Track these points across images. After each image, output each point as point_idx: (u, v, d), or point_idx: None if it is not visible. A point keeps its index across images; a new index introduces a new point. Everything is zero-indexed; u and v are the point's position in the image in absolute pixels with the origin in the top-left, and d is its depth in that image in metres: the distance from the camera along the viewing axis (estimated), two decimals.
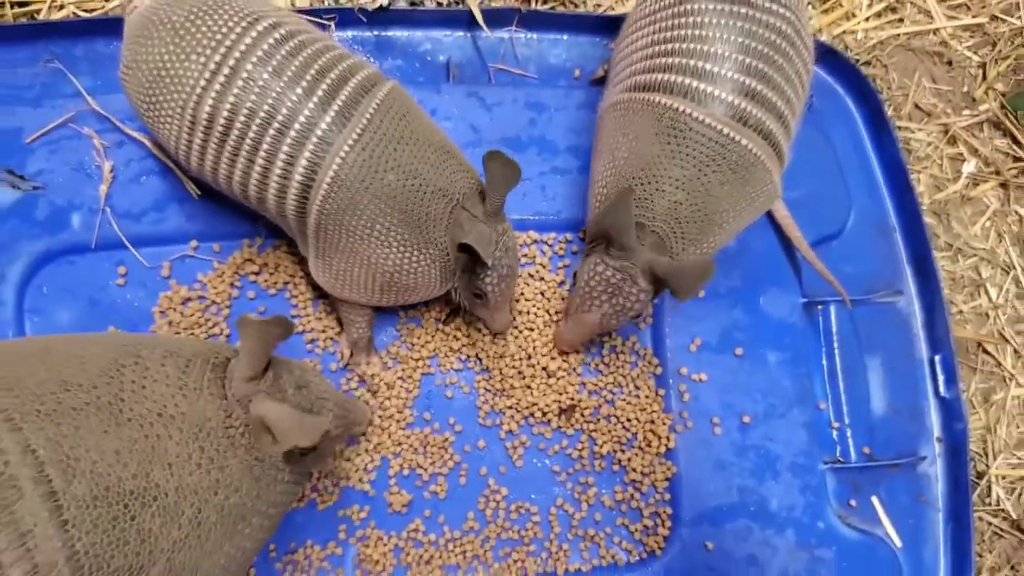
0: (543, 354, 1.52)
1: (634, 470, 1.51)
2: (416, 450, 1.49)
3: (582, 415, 1.52)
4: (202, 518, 0.96)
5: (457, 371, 1.53)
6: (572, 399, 1.52)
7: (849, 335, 1.64)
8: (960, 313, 1.79)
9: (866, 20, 1.88)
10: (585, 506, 1.50)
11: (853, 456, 1.59)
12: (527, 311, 1.54)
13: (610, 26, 1.68)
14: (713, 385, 1.57)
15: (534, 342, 1.52)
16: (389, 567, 1.44)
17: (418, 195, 1.18)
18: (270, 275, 1.49)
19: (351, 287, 1.30)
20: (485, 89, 1.63)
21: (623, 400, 1.53)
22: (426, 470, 1.49)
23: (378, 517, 1.47)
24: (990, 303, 1.81)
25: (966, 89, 1.92)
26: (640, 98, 1.28)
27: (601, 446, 1.51)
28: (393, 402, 1.49)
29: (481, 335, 1.52)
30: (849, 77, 1.72)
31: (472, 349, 1.52)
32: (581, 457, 1.52)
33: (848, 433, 1.61)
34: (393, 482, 1.48)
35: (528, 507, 1.50)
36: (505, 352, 1.51)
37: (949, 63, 1.92)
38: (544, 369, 1.52)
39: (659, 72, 1.26)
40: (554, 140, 1.62)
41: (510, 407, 1.52)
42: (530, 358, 1.52)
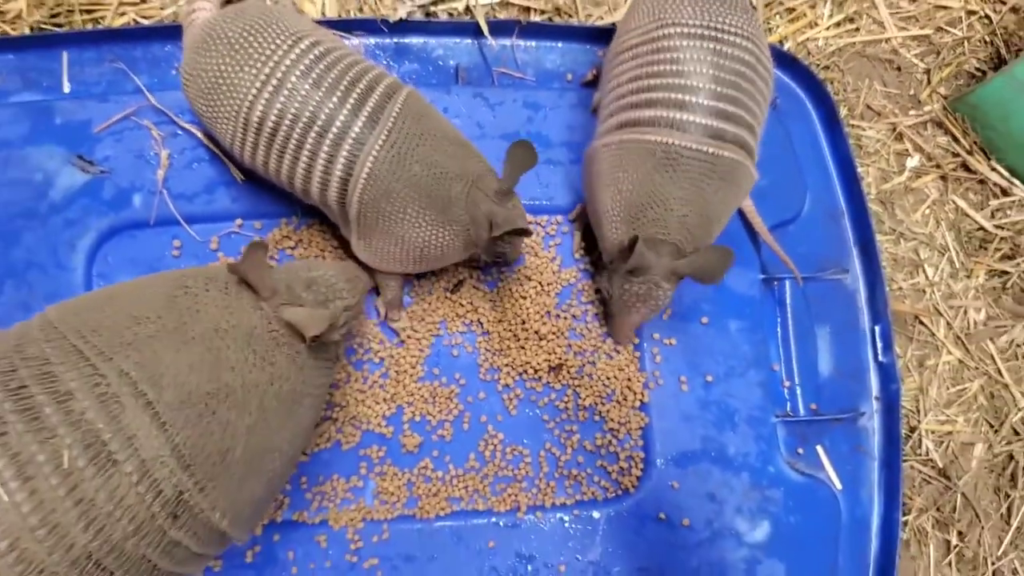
0: (535, 320, 1.68)
1: (612, 420, 1.67)
2: (426, 400, 1.65)
3: (568, 372, 1.68)
4: (265, 405, 1.12)
5: (462, 333, 1.69)
6: (560, 359, 1.68)
7: (801, 307, 1.80)
8: (900, 289, 1.96)
9: (827, 29, 2.03)
10: (569, 450, 1.66)
11: (801, 411, 1.76)
12: (522, 282, 1.70)
13: (598, 35, 1.83)
14: (681, 348, 1.73)
15: (527, 309, 1.69)
16: (402, 498, 1.60)
17: (440, 181, 1.36)
18: (304, 249, 1.67)
19: (389, 260, 1.47)
20: (489, 90, 1.78)
21: (604, 360, 1.70)
22: (434, 417, 1.65)
23: (393, 456, 1.63)
24: (927, 281, 1.97)
25: (913, 92, 2.07)
26: (632, 137, 1.44)
27: (584, 399, 1.68)
28: (407, 359, 1.65)
29: (483, 303, 1.69)
30: (808, 81, 1.88)
31: (475, 315, 1.69)
32: (567, 408, 1.68)
33: (798, 391, 1.77)
34: (406, 427, 1.64)
35: (521, 450, 1.66)
36: (503, 318, 1.68)
37: (898, 69, 2.07)
38: (536, 332, 1.68)
39: (645, 108, 1.42)
40: (548, 135, 1.77)
41: (506, 364, 1.68)
42: (524, 323, 1.68)
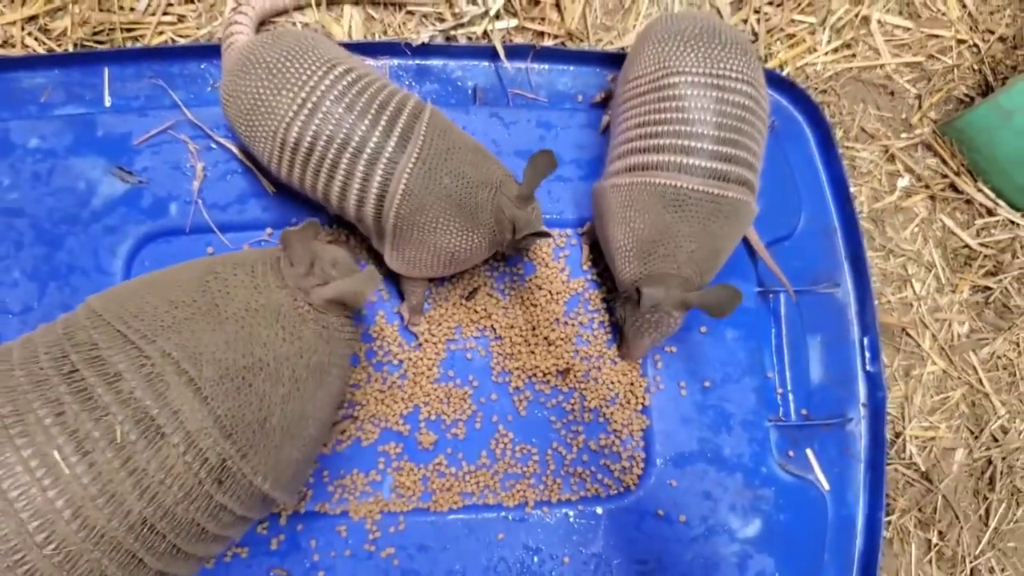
0: (545, 326, 1.74)
1: (615, 421, 1.73)
2: (441, 400, 1.70)
3: (575, 376, 1.73)
4: (297, 376, 1.18)
5: (476, 338, 1.75)
6: (567, 363, 1.73)
7: (794, 318, 1.86)
8: (888, 303, 2.02)
9: (824, 55, 2.10)
10: (575, 449, 1.72)
11: (793, 416, 1.82)
12: (533, 291, 1.76)
13: (608, 60, 1.89)
14: (681, 356, 1.79)
15: (538, 316, 1.75)
16: (418, 492, 1.66)
17: (468, 190, 1.42)
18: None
19: (421, 268, 1.53)
20: (504, 110, 1.84)
21: (608, 366, 1.76)
22: (449, 416, 1.70)
23: (410, 452, 1.68)
24: (914, 295, 2.03)
25: (904, 116, 2.14)
26: (641, 180, 1.50)
27: (590, 401, 1.73)
28: (424, 362, 1.71)
29: (496, 310, 1.75)
30: (805, 105, 1.94)
31: (488, 321, 1.75)
32: (573, 410, 1.73)
33: (790, 397, 1.83)
34: (423, 425, 1.69)
35: (529, 448, 1.71)
36: (514, 324, 1.75)
37: (892, 94, 2.14)
38: (545, 338, 1.74)
39: (653, 153, 1.48)
40: (560, 153, 1.80)
41: (517, 368, 1.73)
42: (534, 329, 1.74)
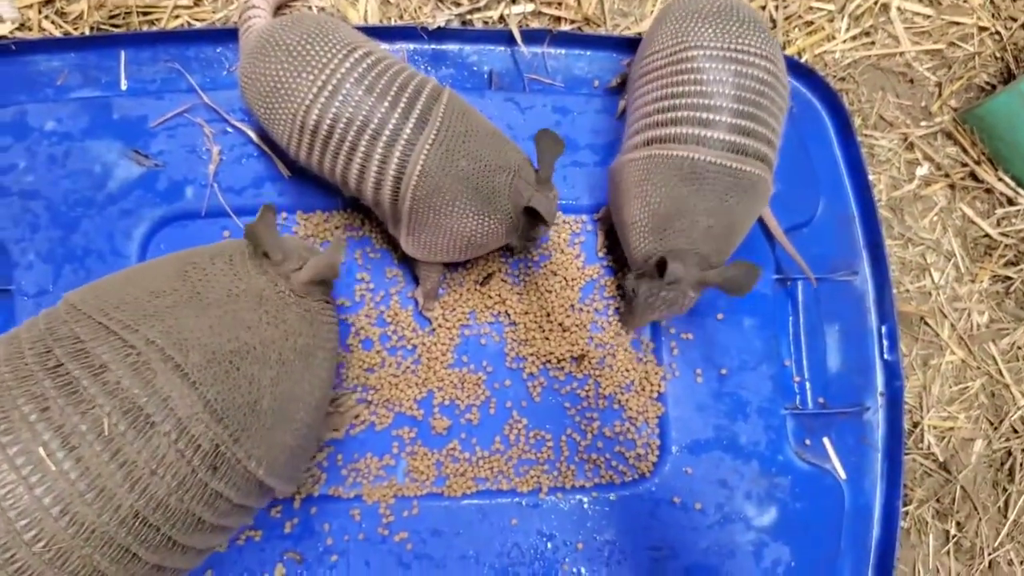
0: (559, 312, 1.72)
1: (631, 409, 1.72)
2: (455, 385, 1.69)
3: (590, 363, 1.72)
4: (284, 358, 1.17)
5: (490, 324, 1.73)
6: (582, 350, 1.72)
7: (812, 306, 1.83)
8: (907, 291, 1.99)
9: (843, 42, 2.07)
10: (590, 435, 1.70)
11: (810, 404, 1.79)
12: (548, 277, 1.74)
13: (624, 44, 1.87)
14: (697, 342, 1.77)
15: (552, 302, 1.73)
16: (432, 477, 1.65)
17: (485, 173, 1.40)
18: (367, 230, 1.74)
19: (437, 252, 1.51)
20: (520, 95, 1.83)
21: (623, 352, 1.74)
22: (463, 402, 1.69)
23: (424, 437, 1.67)
24: (933, 284, 2.01)
25: (924, 104, 2.10)
26: (659, 153, 1.47)
27: (604, 388, 1.72)
28: (438, 347, 1.70)
29: (511, 295, 1.73)
30: (824, 92, 1.91)
31: (503, 306, 1.73)
32: (588, 396, 1.72)
33: (807, 385, 1.80)
34: (436, 410, 1.68)
35: (544, 434, 1.70)
36: (529, 310, 1.73)
37: (911, 81, 2.11)
38: (560, 325, 1.72)
39: (671, 126, 1.46)
40: (575, 139, 1.81)
41: (531, 354, 1.72)
42: (549, 315, 1.72)
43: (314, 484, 1.64)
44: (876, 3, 2.10)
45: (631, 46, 1.84)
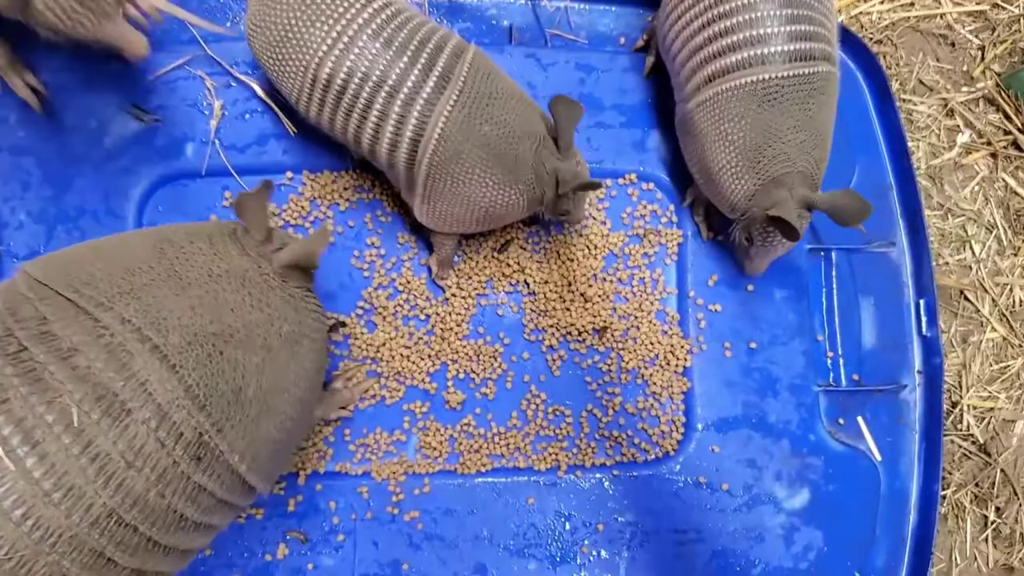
0: (581, 282, 1.66)
1: (655, 384, 1.65)
2: (471, 358, 1.63)
3: (612, 335, 1.66)
4: (270, 344, 1.10)
5: (508, 293, 1.67)
6: (605, 321, 1.65)
7: (847, 278, 1.75)
8: (946, 264, 1.92)
9: (881, 3, 1.98)
10: (611, 412, 1.64)
11: (843, 381, 1.72)
12: (569, 245, 1.67)
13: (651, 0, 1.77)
14: (726, 315, 1.70)
15: (574, 271, 1.66)
16: (444, 453, 1.59)
17: (509, 141, 1.33)
18: (375, 192, 1.67)
19: (452, 223, 1.45)
20: (542, 51, 1.74)
21: (648, 325, 1.67)
22: (478, 375, 1.63)
23: (437, 412, 1.61)
24: (973, 257, 1.93)
25: (966, 68, 2.02)
26: (725, 87, 1.40)
27: (627, 362, 1.65)
28: (453, 317, 1.63)
29: (530, 264, 1.66)
30: (860, 55, 1.81)
31: (521, 275, 1.66)
32: (610, 371, 1.66)
33: (840, 362, 1.73)
34: (450, 384, 1.62)
35: (563, 410, 1.64)
36: (549, 279, 1.66)
37: (952, 44, 2.02)
38: (582, 295, 1.66)
39: (729, 54, 1.38)
40: (600, 98, 1.73)
41: (551, 326, 1.65)
42: (570, 285, 1.65)
43: (320, 460, 1.58)
44: None
45: (657, 1, 1.72)
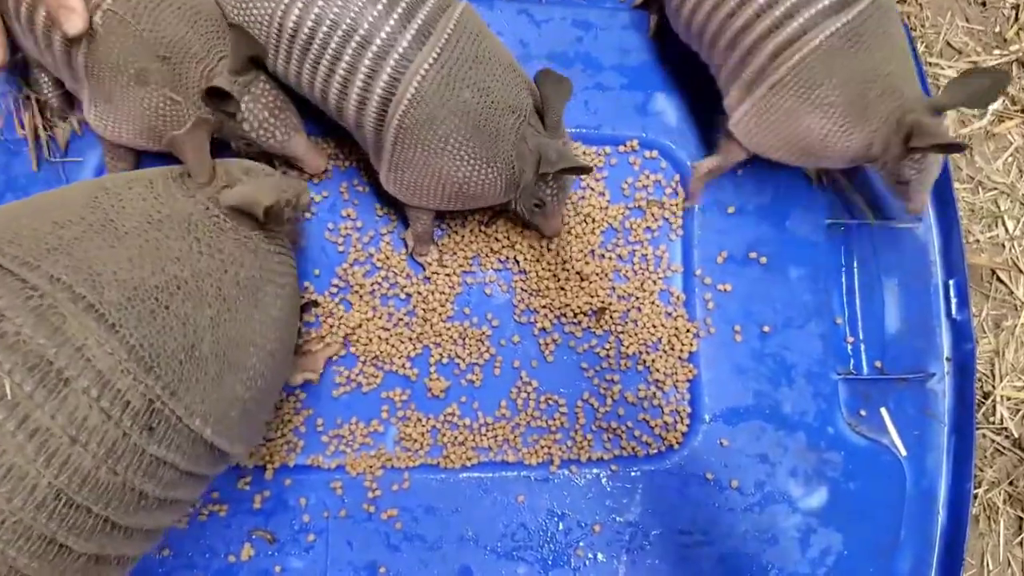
0: (578, 259, 1.54)
1: (657, 370, 1.54)
2: (455, 341, 1.52)
3: (611, 317, 1.54)
4: (225, 294, 1.01)
5: (496, 271, 1.55)
6: (603, 302, 1.54)
7: (868, 256, 1.63)
8: (977, 242, 1.79)
9: None
10: (610, 401, 1.53)
11: (865, 369, 1.60)
12: (565, 218, 1.55)
13: None
14: (736, 295, 1.58)
15: (570, 247, 1.54)
16: (426, 445, 1.48)
17: (491, 111, 1.22)
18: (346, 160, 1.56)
19: (420, 196, 1.34)
20: (535, 7, 1.62)
21: (650, 306, 1.55)
22: (464, 360, 1.52)
23: (418, 400, 1.50)
24: (1007, 234, 1.80)
25: (998, 30, 1.89)
26: (801, 55, 1.28)
27: (628, 347, 1.54)
28: (436, 296, 1.51)
29: (521, 238, 1.54)
30: None
31: (511, 251, 1.54)
32: (608, 356, 1.54)
33: (862, 347, 1.61)
34: (433, 369, 1.51)
35: (556, 399, 1.53)
36: (542, 256, 1.54)
37: (983, 4, 1.89)
38: (578, 273, 1.54)
39: (793, 19, 1.27)
40: (599, 58, 1.61)
41: (544, 307, 1.54)
42: (565, 262, 1.54)
43: (289, 452, 1.47)
44: None
45: None
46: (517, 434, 1.51)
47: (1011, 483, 1.73)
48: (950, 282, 1.63)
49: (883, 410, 1.59)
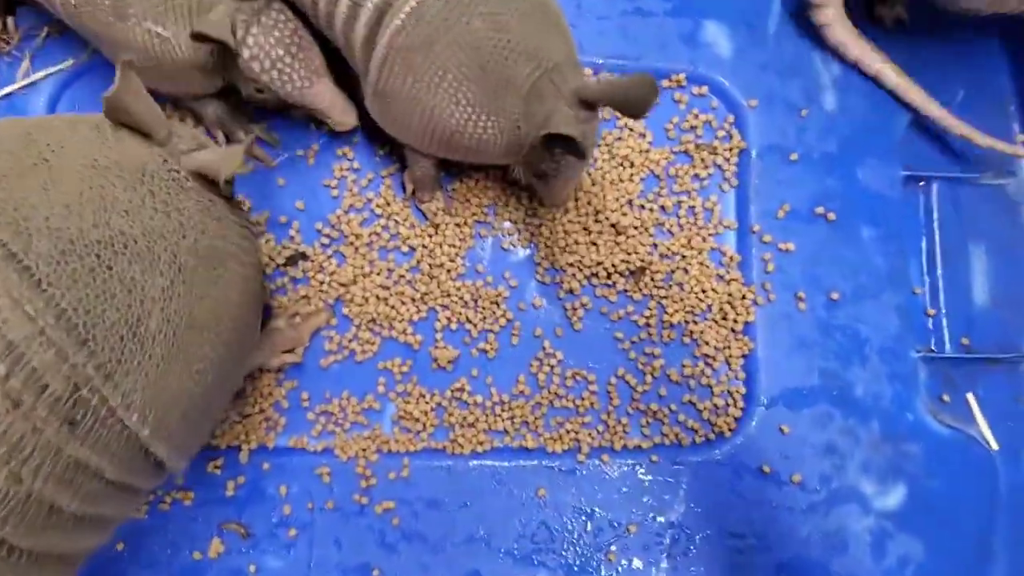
0: (613, 210, 1.37)
1: (706, 343, 1.39)
2: (466, 304, 1.38)
3: (652, 279, 1.39)
4: (181, 262, 0.90)
5: (514, 222, 1.40)
6: (643, 260, 1.37)
7: (951, 216, 1.49)
8: None
9: None
10: (649, 379, 1.38)
11: (948, 347, 1.45)
12: (598, 163, 1.40)
13: None
14: (799, 256, 1.43)
15: (603, 196, 1.37)
16: (430, 427, 1.34)
17: (503, 53, 1.05)
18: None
19: (405, 132, 1.20)
20: None
21: (699, 267, 1.40)
22: (476, 326, 1.37)
23: (421, 372, 1.37)
24: None
25: None
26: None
27: (672, 315, 1.38)
28: (444, 250, 1.36)
29: None
30: None
31: (534, 198, 1.39)
32: (648, 325, 1.39)
33: (944, 322, 1.47)
34: (439, 336, 1.37)
35: (585, 375, 1.38)
36: (571, 205, 1.38)
37: None
38: (613, 226, 1.37)
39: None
40: None
41: (572, 264, 1.38)
42: (598, 213, 1.37)
43: (269, 431, 1.33)
44: None
45: None
46: (538, 416, 1.37)
47: None
48: None
49: (970, 396, 1.44)
